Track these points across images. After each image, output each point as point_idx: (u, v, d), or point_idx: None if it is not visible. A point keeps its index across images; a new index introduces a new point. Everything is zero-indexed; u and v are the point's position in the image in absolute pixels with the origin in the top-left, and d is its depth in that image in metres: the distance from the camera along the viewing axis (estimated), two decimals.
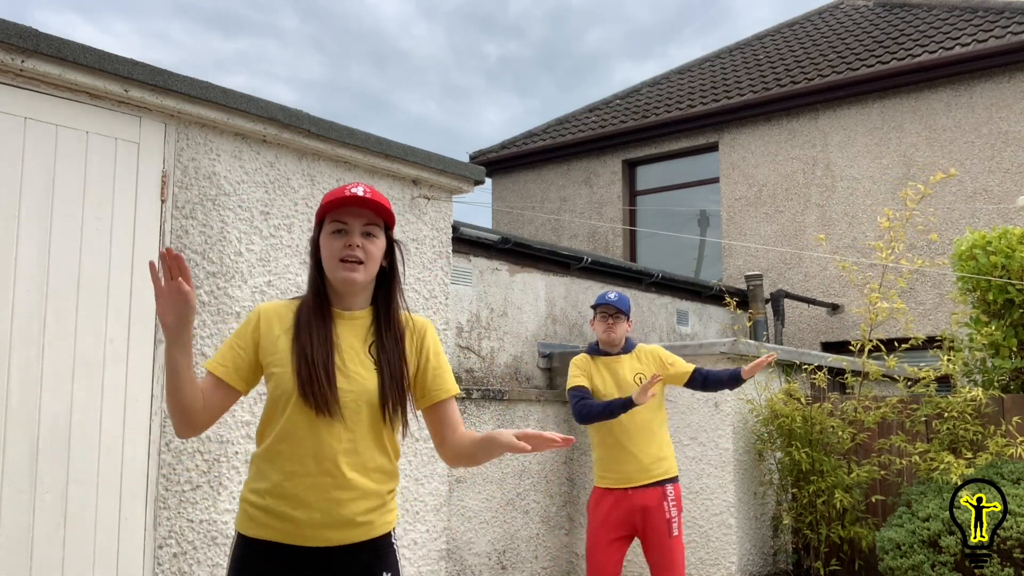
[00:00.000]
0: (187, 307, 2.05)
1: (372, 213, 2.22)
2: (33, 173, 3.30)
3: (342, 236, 2.19)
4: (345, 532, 2.16)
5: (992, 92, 9.46)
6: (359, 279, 2.19)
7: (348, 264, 2.18)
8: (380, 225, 2.24)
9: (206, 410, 2.18)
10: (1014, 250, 6.14)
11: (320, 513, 2.13)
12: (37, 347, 3.26)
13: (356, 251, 2.18)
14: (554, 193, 12.66)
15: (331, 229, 2.20)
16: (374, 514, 2.20)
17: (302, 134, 4.17)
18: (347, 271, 2.18)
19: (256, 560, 2.15)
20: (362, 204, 2.18)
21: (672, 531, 4.10)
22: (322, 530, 2.13)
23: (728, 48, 13.41)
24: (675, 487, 4.17)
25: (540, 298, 6.91)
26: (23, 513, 3.18)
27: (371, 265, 2.22)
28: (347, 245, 2.18)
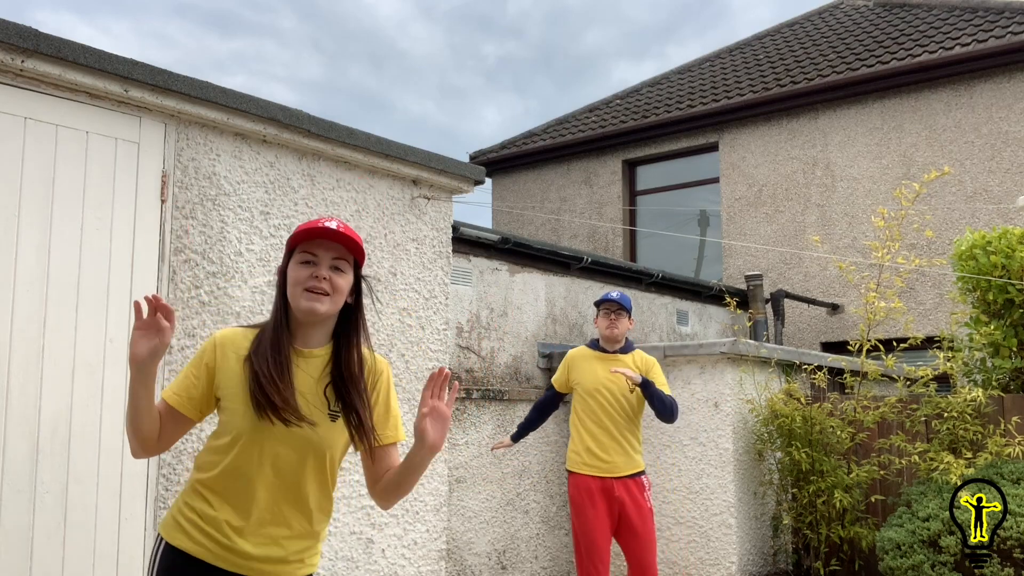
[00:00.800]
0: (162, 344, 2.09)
1: (343, 248, 2.22)
2: (33, 173, 3.30)
3: (310, 267, 2.19)
4: (278, 568, 2.19)
5: (992, 92, 9.46)
6: (321, 309, 2.18)
7: (313, 294, 2.18)
8: (350, 261, 2.24)
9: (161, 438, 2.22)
10: (1014, 250, 6.14)
11: (258, 548, 2.16)
12: (37, 347, 3.26)
13: (322, 283, 2.18)
14: (554, 193, 12.66)
15: (300, 259, 2.21)
16: (306, 553, 2.24)
17: (302, 134, 4.17)
18: (311, 300, 2.17)
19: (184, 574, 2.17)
20: (333, 238, 2.19)
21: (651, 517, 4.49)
22: (257, 563, 2.16)
23: (728, 48, 13.41)
24: (647, 477, 4.57)
25: (540, 298, 6.91)
26: (23, 513, 3.18)
27: (336, 298, 2.21)
28: (314, 276, 2.18)
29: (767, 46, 12.76)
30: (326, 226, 2.18)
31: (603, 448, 4.41)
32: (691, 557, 6.08)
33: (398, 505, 4.51)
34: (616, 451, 4.40)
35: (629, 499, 4.41)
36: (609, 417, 4.41)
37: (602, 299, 4.59)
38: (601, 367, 4.50)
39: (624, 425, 4.43)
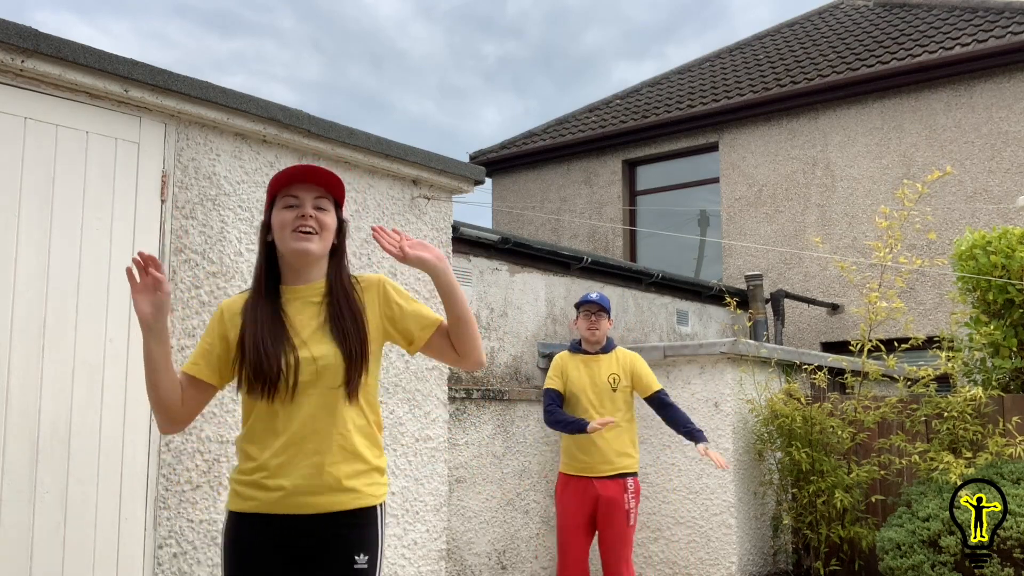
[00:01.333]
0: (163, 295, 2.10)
1: (323, 188, 2.23)
2: (33, 173, 3.30)
3: (294, 209, 2.19)
4: (329, 497, 2.17)
5: (992, 92, 9.46)
6: (314, 248, 2.19)
7: (302, 235, 2.18)
8: (331, 200, 2.25)
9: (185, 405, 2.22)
10: (1014, 250, 6.14)
11: (304, 479, 2.15)
12: (37, 347, 3.26)
13: (309, 222, 2.18)
14: (554, 193, 12.66)
15: (283, 204, 2.21)
16: (359, 480, 2.20)
17: (302, 134, 4.17)
18: (301, 241, 2.17)
19: (245, 532, 2.19)
20: (313, 176, 2.20)
21: (629, 520, 4.47)
22: (306, 496, 2.15)
23: (728, 48, 13.41)
24: (635, 480, 4.53)
25: (540, 298, 6.91)
26: (23, 513, 3.18)
27: (325, 235, 2.23)
28: (300, 216, 2.18)
29: (767, 46, 12.76)
30: (305, 166, 2.21)
31: (583, 449, 4.48)
32: (691, 557, 6.08)
33: (398, 505, 4.51)
34: (595, 451, 4.45)
35: (605, 497, 4.44)
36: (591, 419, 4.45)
37: (582, 301, 4.61)
38: (585, 370, 4.55)
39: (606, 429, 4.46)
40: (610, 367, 4.54)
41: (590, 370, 4.53)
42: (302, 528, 2.16)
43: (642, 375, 4.58)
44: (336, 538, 2.18)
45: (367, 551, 2.21)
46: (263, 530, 2.17)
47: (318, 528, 2.17)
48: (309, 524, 2.17)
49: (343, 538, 2.18)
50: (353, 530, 2.20)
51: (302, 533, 2.16)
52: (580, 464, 4.48)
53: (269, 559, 2.17)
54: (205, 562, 3.72)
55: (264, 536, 2.17)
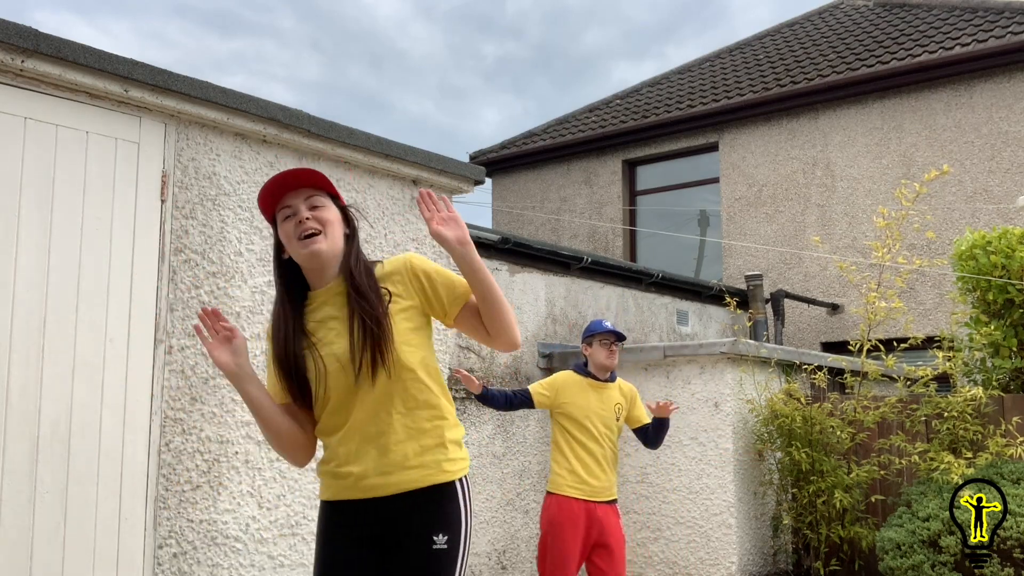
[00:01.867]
0: (237, 342, 2.19)
1: (309, 186, 2.22)
2: (33, 173, 3.30)
3: (292, 217, 2.20)
4: (399, 476, 2.16)
5: (992, 92, 9.46)
6: (323, 248, 2.19)
7: (307, 239, 2.18)
8: (324, 195, 2.25)
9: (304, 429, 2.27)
10: (1014, 250, 6.14)
11: (372, 462, 2.16)
12: (37, 347, 3.26)
13: (309, 223, 2.18)
14: (554, 193, 12.66)
15: (281, 218, 2.22)
16: (428, 456, 2.18)
17: (302, 134, 4.17)
18: (308, 245, 2.17)
19: (328, 519, 2.26)
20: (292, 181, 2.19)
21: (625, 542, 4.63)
22: (376, 478, 2.16)
23: (728, 48, 13.41)
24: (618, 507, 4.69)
25: (540, 298, 6.91)
26: (23, 513, 3.18)
27: (330, 231, 2.21)
28: (298, 222, 2.18)
29: (767, 46, 12.76)
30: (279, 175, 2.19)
31: (590, 473, 4.47)
32: (691, 557, 6.08)
33: None
34: (600, 477, 4.50)
35: (608, 524, 4.49)
36: (597, 444, 4.49)
37: (600, 330, 4.57)
38: (594, 396, 4.56)
39: (607, 455, 4.54)
40: (616, 397, 4.61)
41: (599, 396, 4.57)
42: (378, 511, 2.18)
43: (639, 408, 4.71)
44: (411, 518, 2.16)
45: (447, 530, 2.16)
46: (342, 517, 2.23)
47: (392, 509, 2.17)
48: (384, 506, 2.18)
49: (418, 517, 2.16)
50: (429, 508, 2.17)
51: (378, 517, 2.18)
52: (586, 488, 4.46)
53: (350, 545, 2.20)
54: (205, 562, 3.72)
55: (343, 522, 2.22)
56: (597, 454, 4.49)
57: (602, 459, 4.50)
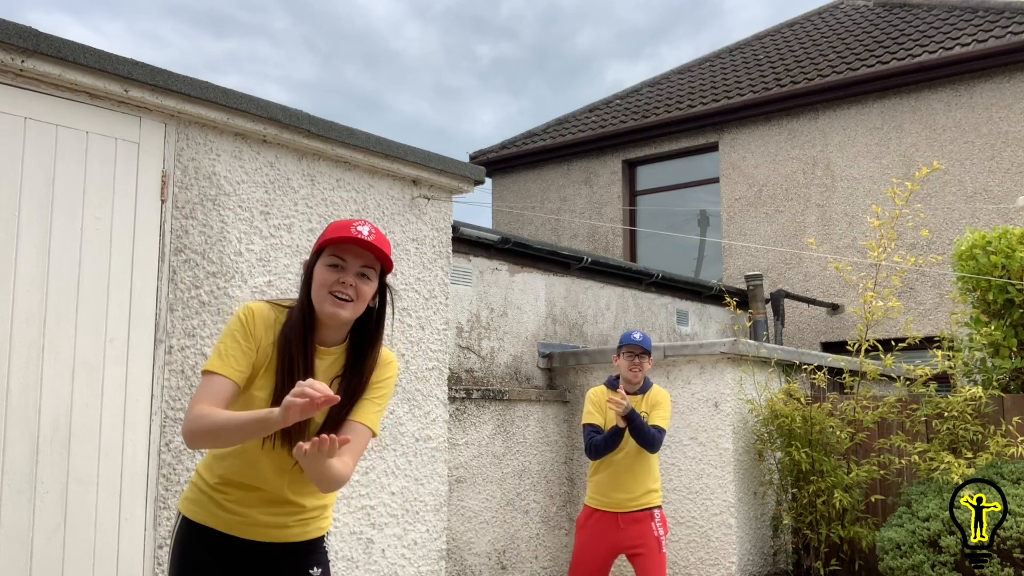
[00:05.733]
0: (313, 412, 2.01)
1: (372, 256, 2.23)
2: (33, 173, 3.30)
3: (337, 271, 2.20)
4: (286, 532, 2.28)
5: (992, 92, 9.46)
6: (344, 316, 2.20)
7: (337, 299, 2.19)
8: (376, 268, 2.26)
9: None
10: (1014, 250, 6.14)
11: (265, 520, 2.25)
12: (37, 347, 3.26)
13: (348, 289, 2.20)
14: (554, 193, 12.66)
15: (328, 262, 2.21)
16: (313, 523, 2.34)
17: (302, 134, 4.17)
18: (335, 307, 2.19)
19: (199, 546, 2.25)
20: (365, 247, 2.20)
21: (662, 547, 4.44)
22: (266, 529, 2.26)
23: (728, 48, 13.41)
24: (660, 511, 4.51)
25: (540, 298, 6.91)
26: (23, 513, 3.18)
27: (359, 304, 2.23)
28: (340, 281, 2.19)
29: (767, 46, 12.76)
30: (358, 233, 2.18)
31: (612, 485, 4.44)
32: (691, 557, 6.08)
33: (398, 505, 4.51)
34: (620, 488, 4.42)
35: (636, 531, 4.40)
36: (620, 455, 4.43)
37: (626, 341, 4.51)
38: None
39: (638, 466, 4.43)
40: (640, 406, 4.50)
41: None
42: (258, 550, 2.26)
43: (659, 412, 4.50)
44: (293, 556, 2.30)
45: (321, 565, 2.35)
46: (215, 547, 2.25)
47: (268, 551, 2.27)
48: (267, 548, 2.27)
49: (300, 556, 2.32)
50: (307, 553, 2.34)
51: (258, 555, 2.26)
52: (609, 500, 4.44)
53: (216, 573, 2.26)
54: None
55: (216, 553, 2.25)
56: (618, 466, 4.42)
57: (624, 471, 4.41)
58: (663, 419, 4.51)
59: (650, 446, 4.40)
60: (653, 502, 4.48)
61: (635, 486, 4.43)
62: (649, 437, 4.37)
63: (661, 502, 4.52)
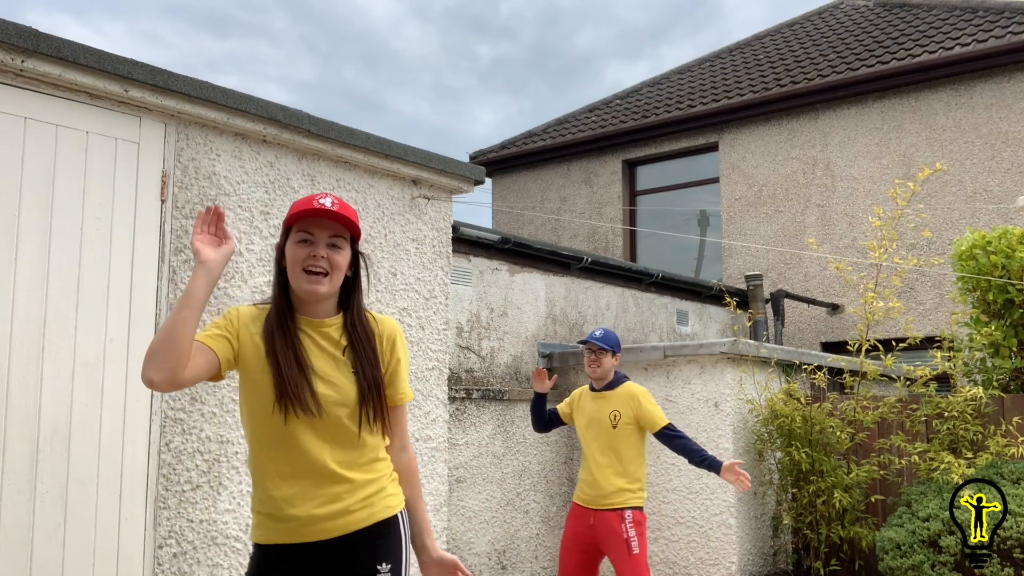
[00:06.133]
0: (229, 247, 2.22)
1: (339, 225, 2.24)
2: (33, 173, 3.30)
3: (307, 246, 2.22)
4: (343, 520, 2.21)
5: (992, 92, 9.46)
6: (322, 290, 2.22)
7: (312, 276, 2.21)
8: (346, 237, 2.27)
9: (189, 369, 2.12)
10: (1014, 250, 6.14)
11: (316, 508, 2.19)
12: (37, 347, 3.26)
13: (320, 262, 2.21)
14: (554, 193, 12.66)
15: (297, 238, 2.23)
16: (377, 501, 2.26)
17: (302, 134, 4.17)
18: (311, 283, 2.21)
19: (265, 564, 2.23)
20: (329, 216, 2.21)
21: (632, 549, 4.37)
22: (320, 523, 2.19)
23: (728, 48, 13.41)
24: (635, 513, 4.43)
25: (540, 298, 6.91)
26: (23, 513, 3.18)
27: (335, 275, 2.24)
28: (311, 255, 2.21)
29: (767, 46, 12.76)
30: (321, 204, 2.21)
31: (586, 482, 4.50)
32: (691, 557, 6.08)
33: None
34: (594, 484, 4.44)
35: (605, 530, 4.39)
36: (591, 452, 4.49)
37: (586, 338, 4.59)
38: (592, 406, 4.56)
39: (606, 462, 4.43)
40: (613, 404, 4.51)
41: (596, 406, 4.54)
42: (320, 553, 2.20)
43: (646, 412, 4.49)
44: (356, 554, 2.23)
45: (390, 559, 2.27)
46: (282, 560, 2.21)
47: (336, 549, 2.21)
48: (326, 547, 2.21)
49: (363, 552, 2.23)
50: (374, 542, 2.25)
51: (320, 558, 2.20)
52: (583, 495, 4.51)
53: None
54: (205, 562, 3.72)
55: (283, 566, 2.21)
56: (592, 463, 4.46)
57: (597, 469, 4.42)
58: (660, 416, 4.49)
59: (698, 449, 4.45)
60: (627, 503, 4.42)
61: (605, 483, 4.41)
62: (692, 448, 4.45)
63: (640, 504, 4.44)
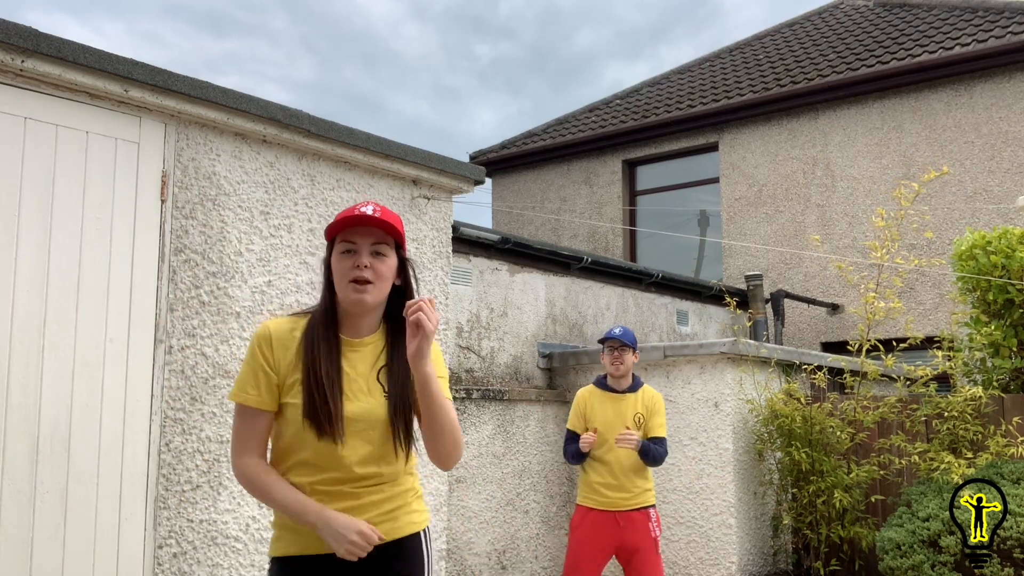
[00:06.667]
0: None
1: (382, 232, 2.20)
2: (33, 173, 3.30)
3: (351, 256, 2.18)
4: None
5: (992, 92, 9.46)
6: (368, 300, 2.17)
7: (358, 285, 2.16)
8: (391, 244, 2.22)
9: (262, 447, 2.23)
10: (1014, 250, 6.14)
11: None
12: (37, 347, 3.26)
13: (365, 271, 2.16)
14: (554, 193, 12.66)
15: (341, 249, 2.19)
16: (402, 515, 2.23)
17: (302, 134, 4.17)
18: (358, 293, 2.16)
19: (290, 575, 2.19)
20: (370, 223, 2.16)
21: (659, 548, 4.47)
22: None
23: (728, 48, 13.41)
24: (655, 511, 4.52)
25: (540, 298, 6.91)
26: (23, 513, 3.18)
27: (381, 284, 2.20)
28: (356, 265, 2.16)
29: (767, 46, 12.76)
30: (362, 212, 2.16)
31: (608, 485, 4.44)
32: (691, 557, 6.08)
33: None
34: (618, 488, 4.43)
35: (632, 529, 4.41)
36: (614, 456, 4.44)
37: (605, 336, 4.55)
38: (612, 407, 4.51)
39: (628, 465, 4.44)
40: (635, 407, 4.50)
41: (616, 408, 4.49)
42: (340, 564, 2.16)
43: (657, 417, 4.53)
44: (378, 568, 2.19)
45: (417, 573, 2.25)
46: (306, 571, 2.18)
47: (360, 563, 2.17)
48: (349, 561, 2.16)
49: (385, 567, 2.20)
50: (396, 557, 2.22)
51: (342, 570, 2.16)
52: (604, 500, 4.44)
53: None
54: (205, 562, 3.72)
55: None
56: (614, 467, 4.42)
57: (620, 472, 4.41)
58: (662, 427, 4.53)
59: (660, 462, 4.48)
60: (649, 501, 4.50)
61: (631, 485, 4.44)
62: (660, 457, 4.47)
63: (655, 501, 4.53)
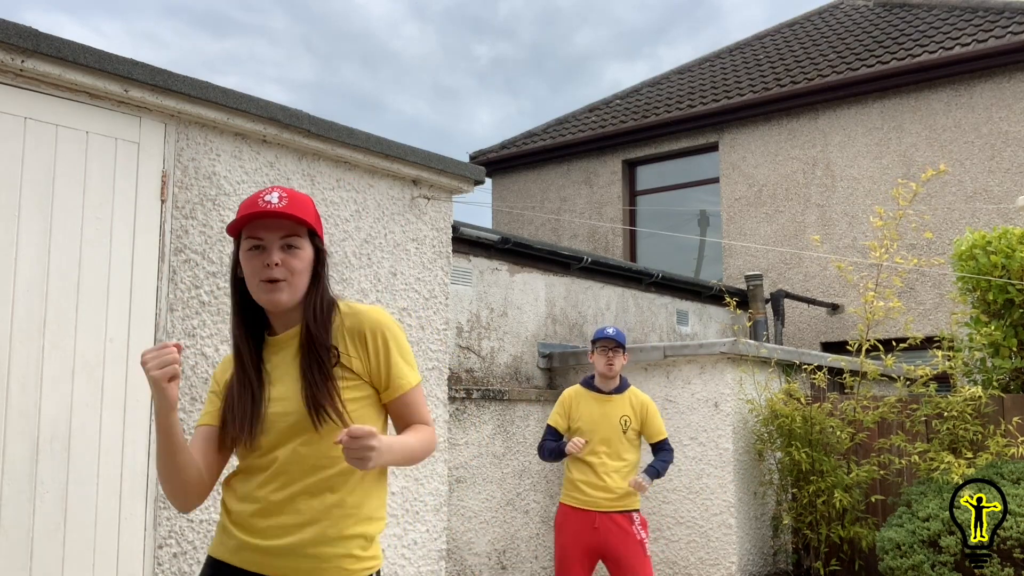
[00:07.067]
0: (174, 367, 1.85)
1: (290, 223, 1.97)
2: (33, 173, 3.30)
3: (260, 253, 1.96)
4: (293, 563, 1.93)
5: (992, 92, 9.46)
6: (284, 299, 1.97)
7: (270, 285, 1.95)
8: (303, 234, 2.00)
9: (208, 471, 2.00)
10: (1014, 250, 6.14)
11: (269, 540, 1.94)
12: (37, 347, 3.26)
13: (275, 270, 1.94)
14: (554, 193, 12.66)
15: (248, 246, 1.97)
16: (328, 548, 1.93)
17: (302, 134, 4.17)
18: (270, 293, 1.96)
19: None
20: (277, 216, 1.93)
21: (646, 550, 4.41)
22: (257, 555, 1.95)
23: (728, 48, 13.42)
24: (639, 515, 4.47)
25: (540, 298, 6.91)
26: (23, 513, 3.18)
27: (296, 280, 1.98)
28: (265, 264, 1.94)
29: (767, 46, 12.76)
30: (266, 205, 1.93)
31: (590, 484, 4.40)
32: (691, 557, 6.08)
33: (398, 505, 4.51)
34: (600, 488, 4.38)
35: (615, 530, 4.36)
36: (597, 457, 4.41)
37: (597, 336, 4.50)
38: (598, 409, 4.48)
39: (615, 466, 4.41)
40: (623, 408, 4.47)
41: (603, 409, 4.46)
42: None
43: (653, 422, 4.52)
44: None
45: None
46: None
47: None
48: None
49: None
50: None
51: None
52: (585, 499, 4.40)
53: None
54: None
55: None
56: (598, 467, 4.39)
57: (603, 472, 4.37)
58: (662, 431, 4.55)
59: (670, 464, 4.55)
60: (633, 505, 4.43)
61: (615, 486, 4.38)
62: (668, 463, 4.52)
63: (639, 506, 4.48)
